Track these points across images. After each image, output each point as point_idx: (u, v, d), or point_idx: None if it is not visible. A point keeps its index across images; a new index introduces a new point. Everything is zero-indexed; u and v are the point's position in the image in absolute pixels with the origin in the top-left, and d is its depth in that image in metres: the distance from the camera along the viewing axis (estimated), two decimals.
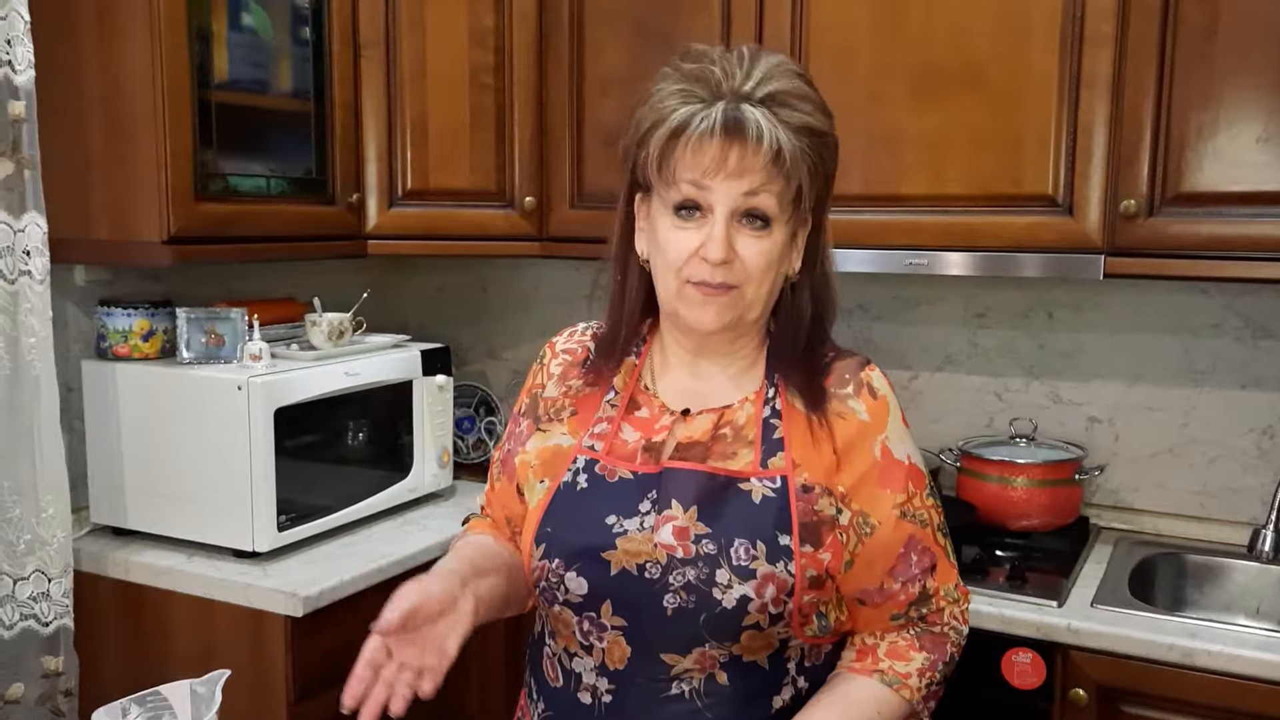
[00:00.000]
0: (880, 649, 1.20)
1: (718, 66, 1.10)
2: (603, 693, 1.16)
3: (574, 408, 1.25)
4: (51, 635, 1.94)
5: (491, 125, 2.36)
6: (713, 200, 1.10)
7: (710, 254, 1.10)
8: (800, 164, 1.09)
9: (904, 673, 1.18)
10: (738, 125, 1.07)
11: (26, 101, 1.83)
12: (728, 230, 1.10)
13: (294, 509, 2.05)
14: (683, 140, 1.09)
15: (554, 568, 1.16)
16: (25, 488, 1.90)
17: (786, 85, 1.10)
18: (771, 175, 1.09)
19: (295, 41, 2.18)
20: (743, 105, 1.08)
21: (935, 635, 1.21)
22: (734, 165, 1.08)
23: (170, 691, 1.21)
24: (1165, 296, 2.21)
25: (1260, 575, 2.05)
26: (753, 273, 1.12)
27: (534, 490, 1.23)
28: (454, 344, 2.70)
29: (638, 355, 1.25)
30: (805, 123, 1.10)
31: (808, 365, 1.19)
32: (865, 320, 2.46)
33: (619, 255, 1.22)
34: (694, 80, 1.11)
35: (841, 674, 1.20)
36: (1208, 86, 1.82)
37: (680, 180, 1.10)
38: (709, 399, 1.21)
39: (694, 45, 1.14)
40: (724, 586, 1.10)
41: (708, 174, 1.09)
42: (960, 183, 2.01)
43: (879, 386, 1.19)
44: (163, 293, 2.22)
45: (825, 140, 1.13)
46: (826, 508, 1.14)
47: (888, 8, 2.02)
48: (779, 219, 1.11)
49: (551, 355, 1.31)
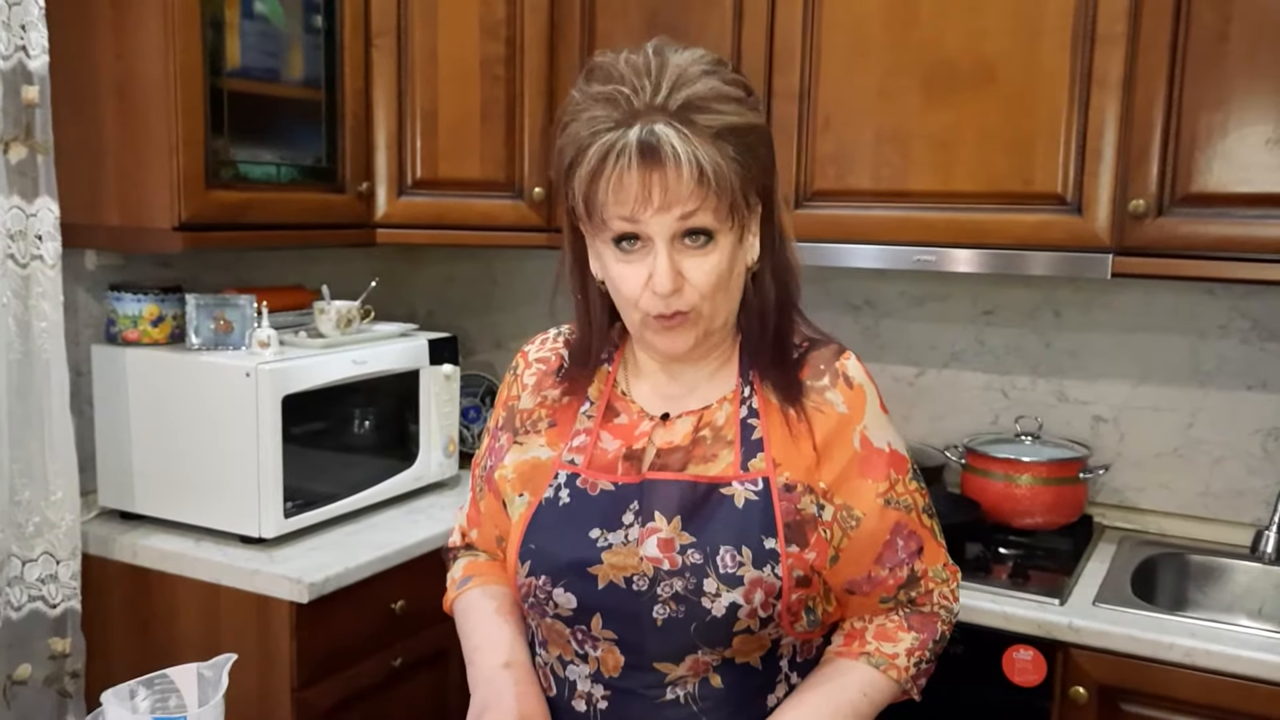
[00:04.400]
0: (868, 631, 1.20)
1: (625, 84, 1.05)
2: (597, 700, 1.16)
3: (551, 419, 1.23)
4: (59, 617, 1.95)
5: (502, 116, 2.36)
6: (649, 231, 1.06)
7: (659, 287, 1.06)
8: (727, 175, 1.04)
9: (891, 654, 1.18)
10: (653, 152, 1.02)
11: (40, 87, 1.84)
12: (670, 258, 1.06)
13: (300, 496, 2.06)
14: (603, 180, 1.04)
15: (541, 584, 1.14)
16: (34, 470, 1.91)
17: (700, 89, 1.05)
18: (701, 195, 1.04)
19: (307, 30, 2.18)
20: (656, 126, 1.03)
21: (924, 615, 1.21)
22: (659, 198, 1.04)
23: (177, 674, 1.23)
24: (1172, 297, 2.21)
25: (1263, 576, 2.05)
26: (705, 290, 1.09)
27: (514, 504, 1.21)
28: (461, 333, 2.71)
29: (610, 362, 1.24)
30: (726, 124, 1.05)
31: (781, 356, 1.17)
32: (872, 316, 2.46)
33: (574, 276, 1.19)
34: (605, 103, 1.06)
35: (829, 659, 1.20)
36: (1219, 87, 1.82)
37: (611, 220, 1.07)
38: (687, 401, 1.19)
39: (599, 60, 1.09)
40: (712, 595, 1.09)
41: (635, 210, 1.05)
42: (970, 180, 2.01)
43: (855, 375, 1.18)
44: (173, 279, 2.22)
45: (754, 133, 1.08)
46: (809, 506, 1.13)
47: (900, 5, 2.02)
48: (721, 229, 1.07)
49: (525, 365, 1.29)
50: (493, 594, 1.27)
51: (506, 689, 1.14)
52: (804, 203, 2.13)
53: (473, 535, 1.34)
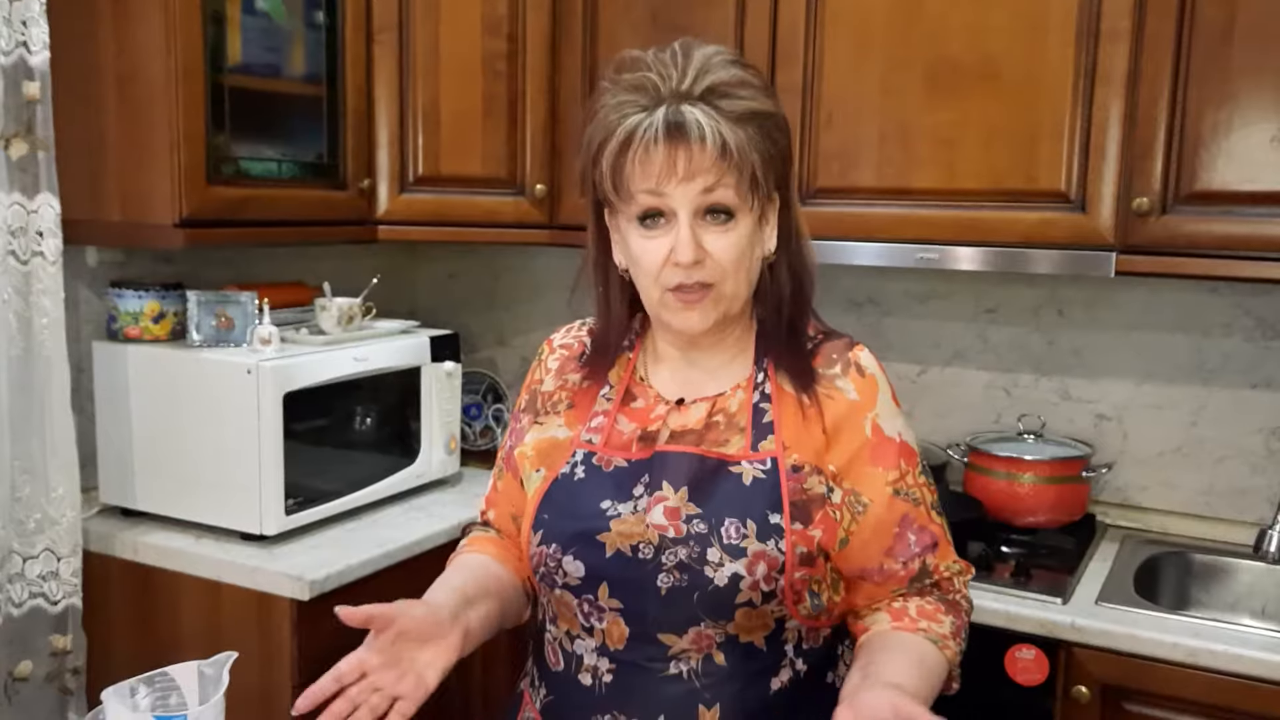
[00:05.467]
0: (909, 609, 1.19)
1: (653, 72, 1.11)
2: (603, 673, 1.18)
3: (571, 401, 1.28)
4: (60, 614, 1.95)
5: (504, 112, 2.35)
6: (673, 205, 1.11)
7: (681, 256, 1.11)
8: (749, 151, 1.10)
9: (943, 633, 1.18)
10: (680, 128, 1.09)
11: (41, 83, 1.84)
12: (693, 230, 1.11)
13: (302, 493, 2.05)
14: (630, 154, 1.10)
15: (551, 552, 1.18)
16: (35, 467, 1.91)
17: (724, 75, 1.11)
18: (723, 169, 1.10)
19: (309, 25, 2.18)
20: (683, 106, 1.09)
21: (951, 603, 1.22)
22: (684, 168, 1.09)
23: (178, 672, 1.22)
24: (1176, 295, 2.20)
25: (1266, 575, 2.04)
26: (726, 266, 1.13)
27: (531, 480, 1.25)
28: (463, 330, 2.70)
29: (631, 349, 1.28)
30: (748, 109, 1.11)
31: (795, 345, 1.21)
32: (876, 314, 2.46)
33: (598, 266, 1.24)
34: (633, 90, 1.12)
35: (890, 634, 1.17)
36: (1223, 85, 1.81)
37: (637, 193, 1.12)
38: (703, 387, 1.23)
39: (628, 54, 1.15)
40: (715, 565, 1.11)
41: (660, 182, 1.10)
42: (973, 177, 2.00)
43: (867, 365, 1.21)
44: (174, 275, 2.22)
45: (773, 120, 1.14)
46: (816, 486, 1.15)
47: (903, 2, 2.01)
48: (741, 208, 1.13)
49: (549, 351, 1.34)
50: (471, 558, 1.30)
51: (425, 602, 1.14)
52: (807, 199, 2.13)
53: (490, 515, 1.38)
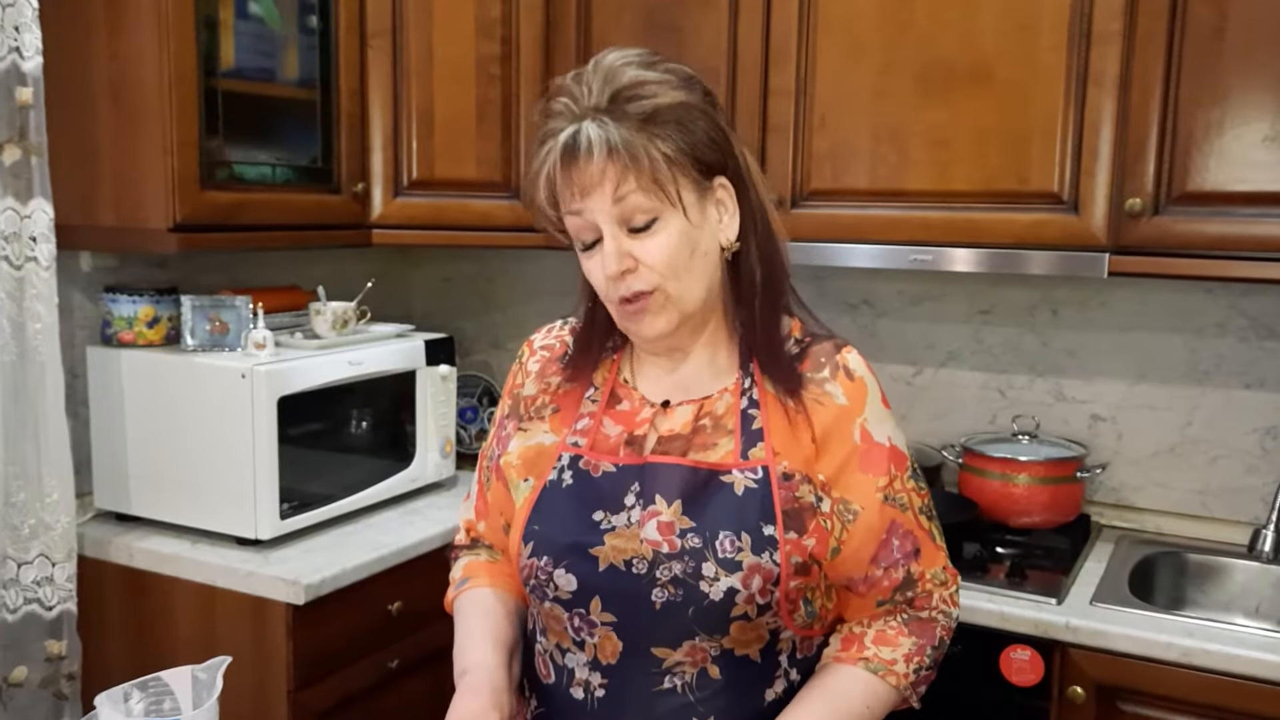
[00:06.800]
0: (867, 636, 1.20)
1: (566, 94, 1.12)
2: (595, 687, 1.17)
3: (555, 404, 1.26)
4: (55, 619, 1.95)
5: (498, 116, 2.36)
6: (595, 220, 1.11)
7: (607, 269, 1.12)
8: (642, 148, 1.07)
9: (890, 659, 1.18)
10: (572, 146, 1.09)
11: (34, 88, 1.84)
12: (616, 240, 1.11)
13: (297, 497, 2.05)
14: (543, 181, 1.12)
15: (542, 565, 1.16)
16: (30, 473, 1.91)
17: (624, 80, 1.10)
18: (619, 173, 1.08)
19: (302, 30, 2.18)
20: (584, 122, 1.09)
21: (923, 620, 1.21)
22: (581, 182, 1.09)
23: (172, 677, 1.22)
24: (1170, 295, 2.21)
25: (1260, 575, 2.05)
26: (659, 269, 1.11)
27: (519, 489, 1.23)
28: (459, 334, 2.71)
29: (615, 350, 1.26)
30: (653, 105, 1.09)
31: (774, 338, 1.19)
32: (870, 315, 2.46)
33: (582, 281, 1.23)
34: (554, 116, 1.12)
35: (827, 665, 1.20)
36: (1215, 85, 1.82)
37: (566, 215, 1.13)
38: (689, 390, 1.21)
39: (554, 81, 1.15)
40: (710, 579, 1.10)
41: (571, 201, 1.11)
42: (966, 179, 2.00)
43: (855, 368, 1.19)
44: (168, 280, 2.22)
45: (684, 108, 1.11)
46: (807, 494, 1.14)
47: (896, 3, 2.02)
48: (661, 208, 1.10)
49: (530, 353, 1.32)
50: (482, 596, 1.28)
51: (456, 701, 1.15)
52: (800, 202, 2.13)
53: (480, 528, 1.35)
